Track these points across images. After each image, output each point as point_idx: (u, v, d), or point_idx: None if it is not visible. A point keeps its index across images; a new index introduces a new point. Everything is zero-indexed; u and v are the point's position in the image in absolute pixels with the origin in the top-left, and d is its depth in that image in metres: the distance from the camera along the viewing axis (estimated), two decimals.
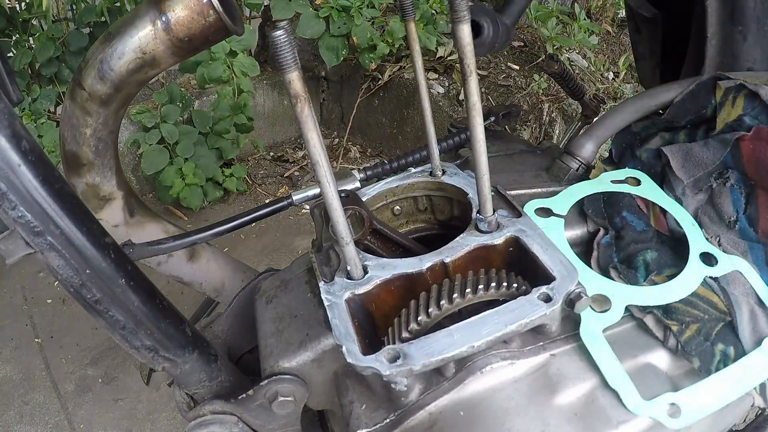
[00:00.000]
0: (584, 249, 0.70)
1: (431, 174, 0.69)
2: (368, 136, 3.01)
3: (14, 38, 2.52)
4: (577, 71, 3.03)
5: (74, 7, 2.59)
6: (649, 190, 0.71)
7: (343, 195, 0.59)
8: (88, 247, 0.47)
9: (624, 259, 0.65)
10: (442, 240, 0.60)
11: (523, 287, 0.54)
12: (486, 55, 0.68)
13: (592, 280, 0.62)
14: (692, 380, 0.56)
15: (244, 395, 0.59)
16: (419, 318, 0.52)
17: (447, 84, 2.67)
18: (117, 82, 0.59)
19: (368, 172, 0.73)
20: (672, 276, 0.62)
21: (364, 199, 0.69)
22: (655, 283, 0.61)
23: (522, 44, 3.14)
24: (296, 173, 2.83)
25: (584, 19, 3.17)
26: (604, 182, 0.73)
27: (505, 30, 0.78)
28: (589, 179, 0.75)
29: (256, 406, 0.60)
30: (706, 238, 0.66)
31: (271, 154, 2.98)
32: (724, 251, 0.64)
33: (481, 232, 0.59)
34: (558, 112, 2.70)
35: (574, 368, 0.55)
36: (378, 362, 0.49)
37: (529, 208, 0.69)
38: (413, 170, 0.71)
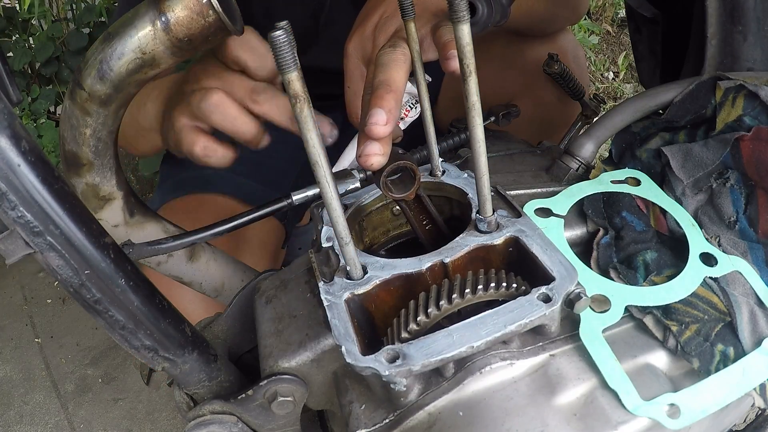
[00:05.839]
0: (584, 249, 0.70)
1: (431, 174, 0.69)
2: None
3: (14, 38, 2.52)
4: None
5: (74, 6, 2.59)
6: (649, 190, 0.71)
7: (400, 152, 0.60)
8: (87, 247, 0.47)
9: (624, 260, 0.65)
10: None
11: (523, 287, 0.54)
12: (480, 33, 0.68)
13: (591, 281, 0.62)
14: (692, 381, 0.56)
15: (243, 395, 0.59)
16: (418, 318, 0.52)
17: None
18: (117, 83, 0.59)
19: (368, 173, 0.73)
20: (672, 276, 0.62)
21: (363, 199, 0.69)
22: (655, 284, 0.61)
23: None
24: None
25: (585, 19, 3.17)
26: (604, 182, 0.73)
27: (500, 8, 0.78)
28: (589, 179, 0.75)
29: (256, 406, 0.60)
30: (706, 239, 0.66)
31: None
32: (724, 251, 0.64)
33: (480, 232, 0.59)
34: None
35: (573, 369, 0.55)
36: (377, 362, 0.49)
37: (529, 208, 0.69)
38: None
